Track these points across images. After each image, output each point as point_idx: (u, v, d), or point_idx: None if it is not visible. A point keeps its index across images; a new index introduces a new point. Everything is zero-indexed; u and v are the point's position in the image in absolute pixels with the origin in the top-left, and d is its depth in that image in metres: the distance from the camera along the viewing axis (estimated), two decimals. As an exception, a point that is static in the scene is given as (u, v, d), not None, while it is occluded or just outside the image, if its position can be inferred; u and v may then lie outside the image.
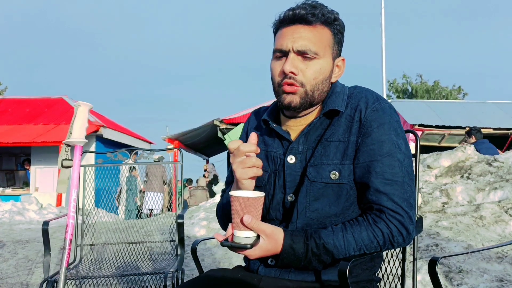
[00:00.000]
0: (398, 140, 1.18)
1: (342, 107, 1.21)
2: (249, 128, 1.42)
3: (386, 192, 1.13)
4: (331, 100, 1.23)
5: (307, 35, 1.18)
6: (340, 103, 1.22)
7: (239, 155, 1.14)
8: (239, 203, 1.03)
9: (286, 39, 1.18)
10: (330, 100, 1.23)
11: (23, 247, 4.94)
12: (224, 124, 11.98)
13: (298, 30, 1.18)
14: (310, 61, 1.18)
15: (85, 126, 1.53)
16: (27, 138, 12.31)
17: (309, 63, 1.18)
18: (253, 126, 1.40)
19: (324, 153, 1.19)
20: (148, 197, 8.88)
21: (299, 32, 1.18)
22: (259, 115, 1.40)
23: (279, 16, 1.22)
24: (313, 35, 1.18)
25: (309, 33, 1.18)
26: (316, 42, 1.18)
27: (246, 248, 1.04)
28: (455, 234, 3.49)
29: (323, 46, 1.19)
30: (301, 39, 1.17)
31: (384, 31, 16.56)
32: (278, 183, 1.26)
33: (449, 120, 13.23)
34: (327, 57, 1.21)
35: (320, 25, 1.19)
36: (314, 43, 1.18)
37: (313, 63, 1.18)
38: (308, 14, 1.17)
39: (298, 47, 1.17)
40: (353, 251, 1.11)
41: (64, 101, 15.00)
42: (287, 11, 1.20)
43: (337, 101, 1.22)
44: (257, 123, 1.39)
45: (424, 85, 29.21)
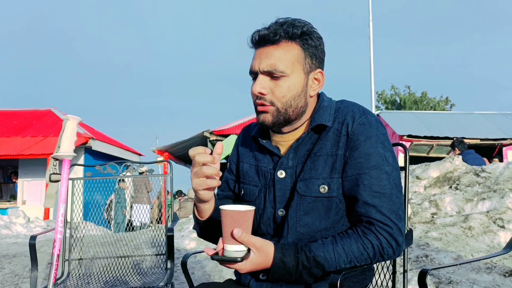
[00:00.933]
0: (385, 152, 1.19)
1: (329, 122, 1.22)
2: (239, 144, 1.44)
3: (374, 205, 1.14)
4: (318, 114, 1.24)
5: (272, 55, 1.19)
6: (327, 117, 1.23)
7: (195, 165, 1.12)
8: (229, 217, 1.03)
9: (255, 61, 1.22)
10: (317, 114, 1.25)
11: (10, 262, 4.85)
12: (214, 135, 11.97)
13: (265, 51, 1.21)
14: (278, 80, 1.20)
15: (73, 140, 1.52)
16: (14, 151, 12.18)
17: (277, 82, 1.20)
18: (243, 142, 1.42)
19: (313, 167, 1.21)
20: (135, 210, 8.80)
21: (265, 53, 1.20)
22: (249, 131, 1.42)
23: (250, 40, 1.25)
24: (279, 53, 1.19)
25: (275, 52, 1.19)
26: (282, 60, 1.19)
27: (236, 262, 1.04)
28: (444, 244, 3.51)
29: (291, 63, 1.20)
30: (267, 59, 1.19)
31: (372, 43, 16.75)
32: (269, 197, 1.27)
33: (437, 131, 13.37)
34: (296, 73, 1.21)
35: (285, 42, 1.20)
36: (280, 61, 1.19)
37: (281, 82, 1.20)
38: (270, 33, 1.19)
39: (264, 67, 1.20)
40: (343, 263, 1.12)
41: (52, 113, 14.90)
42: (253, 34, 1.23)
43: (324, 115, 1.24)
44: (247, 139, 1.41)
45: (412, 96, 29.53)
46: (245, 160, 1.38)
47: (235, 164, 1.44)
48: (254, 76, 1.23)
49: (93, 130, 15.03)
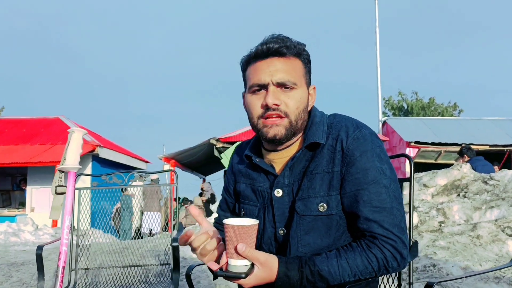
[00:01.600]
0: (382, 165, 1.18)
1: (323, 139, 1.22)
2: (233, 165, 1.44)
3: (376, 220, 1.14)
4: (311, 132, 1.24)
5: (283, 67, 1.20)
6: (321, 134, 1.22)
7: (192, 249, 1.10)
8: (233, 232, 1.03)
9: (263, 73, 1.20)
10: (310, 132, 1.24)
11: (18, 270, 4.88)
12: (221, 142, 11.97)
13: (274, 62, 1.20)
14: (290, 91, 1.20)
15: (79, 152, 1.53)
16: (23, 158, 12.26)
17: (290, 93, 1.20)
18: (238, 162, 1.41)
19: (310, 185, 1.20)
20: (146, 217, 8.85)
21: (275, 64, 1.20)
22: (241, 149, 1.42)
23: (250, 51, 1.24)
24: (288, 66, 1.20)
25: (285, 64, 1.20)
26: (292, 72, 1.20)
27: (240, 278, 1.03)
28: (452, 254, 3.47)
29: (299, 76, 1.22)
30: (279, 72, 1.19)
31: (379, 49, 16.75)
32: (268, 217, 1.27)
33: (445, 137, 13.29)
34: (303, 86, 1.23)
35: (292, 57, 1.22)
36: (291, 74, 1.20)
37: (293, 93, 1.20)
38: (281, 47, 1.19)
39: (277, 79, 1.19)
40: (348, 277, 1.11)
41: (60, 121, 14.99)
42: (260, 46, 1.21)
43: (318, 132, 1.23)
44: (240, 158, 1.40)
45: (420, 102, 29.39)
46: (241, 180, 1.37)
47: (232, 184, 1.43)
48: (259, 88, 1.21)
49: (101, 137, 15.11)
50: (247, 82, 1.26)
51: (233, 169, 1.43)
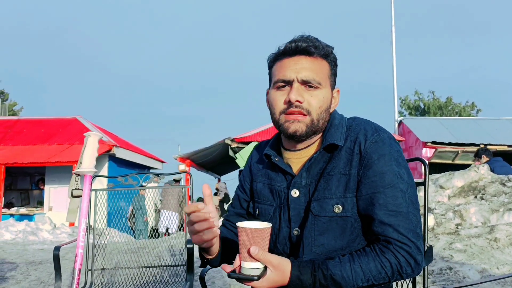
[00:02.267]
0: (399, 170, 1.18)
1: (341, 141, 1.22)
2: (252, 163, 1.45)
3: (391, 224, 1.13)
4: (330, 133, 1.24)
5: (310, 66, 1.21)
6: (339, 136, 1.23)
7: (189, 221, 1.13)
8: (246, 234, 1.04)
9: (289, 70, 1.21)
10: (329, 133, 1.24)
11: (36, 269, 4.97)
12: (236, 143, 12.00)
13: (301, 61, 1.21)
14: (314, 90, 1.21)
15: (94, 156, 1.56)
16: (41, 158, 12.46)
17: (313, 92, 1.21)
18: (256, 161, 1.43)
19: (327, 187, 1.20)
20: (164, 216, 8.93)
21: (301, 62, 1.21)
22: (260, 149, 1.43)
23: (278, 49, 1.25)
24: (315, 66, 1.22)
25: (311, 64, 1.21)
26: (318, 72, 1.21)
27: (253, 280, 1.04)
28: (469, 257, 3.43)
29: (324, 77, 1.23)
30: (305, 70, 1.20)
31: (395, 48, 16.59)
32: (283, 217, 1.27)
33: (462, 137, 13.11)
34: (327, 87, 1.24)
35: (320, 57, 1.23)
36: (316, 73, 1.21)
37: (317, 92, 1.21)
38: (310, 46, 1.21)
39: (302, 77, 1.20)
40: (361, 282, 1.11)
41: (78, 121, 15.19)
42: (288, 44, 1.23)
43: (336, 134, 1.23)
44: (259, 157, 1.41)
45: (437, 101, 29.06)
46: (258, 179, 1.38)
47: (249, 183, 1.44)
48: (284, 84, 1.22)
49: (117, 137, 15.27)
50: (272, 78, 1.27)
51: (251, 168, 1.44)
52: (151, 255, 4.05)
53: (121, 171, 12.97)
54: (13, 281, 4.43)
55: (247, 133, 12.39)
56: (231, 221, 1.45)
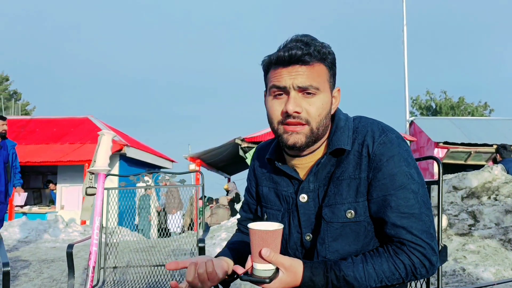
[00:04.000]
0: (409, 170, 1.15)
1: (349, 145, 1.18)
2: (255, 167, 1.41)
3: (404, 226, 1.11)
4: (336, 137, 1.20)
5: (306, 72, 1.14)
6: (346, 140, 1.19)
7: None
8: (258, 236, 1.03)
9: (285, 77, 1.15)
10: (335, 137, 1.20)
11: (48, 267, 5.02)
12: (246, 142, 12.01)
13: (296, 69, 1.15)
14: (312, 97, 1.15)
15: (108, 154, 1.56)
16: (53, 157, 12.59)
17: (311, 99, 1.15)
18: (259, 165, 1.39)
19: (337, 192, 1.18)
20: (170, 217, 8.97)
21: (296, 70, 1.14)
22: (262, 150, 1.39)
23: (270, 57, 1.19)
24: (311, 72, 1.15)
25: (308, 70, 1.15)
26: (315, 77, 1.15)
27: (265, 282, 1.03)
28: (482, 258, 3.39)
29: (322, 81, 1.17)
30: (300, 76, 1.14)
31: (407, 48, 16.48)
32: (293, 222, 1.25)
33: (475, 137, 12.98)
34: (326, 91, 1.18)
35: (316, 63, 1.16)
36: (313, 78, 1.15)
37: (315, 99, 1.16)
38: (304, 55, 1.13)
39: (299, 83, 1.14)
40: (374, 283, 1.10)
41: (89, 120, 15.32)
42: (281, 52, 1.15)
43: (342, 138, 1.19)
44: (262, 160, 1.37)
45: (449, 101, 28.80)
46: (263, 184, 1.35)
47: (254, 187, 1.42)
48: (280, 92, 1.17)
49: (128, 137, 15.37)
50: (268, 84, 1.22)
51: (255, 172, 1.41)
52: (162, 254, 4.07)
53: (132, 171, 13.04)
54: (26, 278, 4.48)
55: (257, 132, 12.40)
56: (243, 225, 1.45)
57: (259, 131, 12.49)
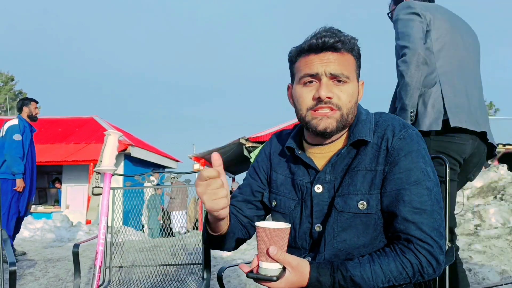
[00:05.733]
0: (426, 167, 1.16)
1: (370, 137, 1.20)
2: (271, 152, 1.40)
3: (414, 221, 1.11)
4: (357, 129, 1.22)
5: (337, 60, 1.18)
6: (367, 132, 1.20)
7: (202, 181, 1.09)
8: (265, 234, 1.03)
9: (316, 64, 1.18)
10: (356, 129, 1.22)
11: (54, 266, 5.03)
12: (250, 142, 12.01)
13: (327, 56, 1.18)
14: (343, 84, 1.19)
15: (114, 154, 1.57)
16: (59, 157, 12.66)
17: (342, 87, 1.18)
18: (276, 151, 1.39)
19: (351, 182, 1.18)
20: (174, 217, 8.99)
21: (328, 57, 1.18)
22: (281, 139, 1.40)
23: (303, 44, 1.21)
24: (342, 60, 1.19)
25: (339, 58, 1.19)
26: (346, 66, 1.19)
27: (272, 281, 1.03)
28: (488, 258, 3.37)
29: (351, 70, 1.21)
30: (333, 63, 1.17)
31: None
32: (305, 212, 1.25)
33: (480, 137, 12.89)
34: (354, 81, 1.22)
35: (345, 52, 1.20)
36: (344, 67, 1.18)
37: (346, 87, 1.19)
38: (337, 42, 1.17)
39: (331, 70, 1.17)
40: (381, 283, 1.09)
41: (94, 120, 15.39)
42: (314, 40, 1.19)
43: (364, 130, 1.21)
44: (280, 147, 1.38)
45: (454, 101, 28.67)
46: (279, 171, 1.35)
47: (266, 172, 1.39)
48: (311, 79, 1.19)
49: (133, 137, 15.42)
50: (296, 73, 1.24)
51: (270, 156, 1.40)
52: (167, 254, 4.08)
53: (136, 170, 13.08)
54: (32, 278, 4.50)
55: (262, 132, 12.40)
56: (237, 206, 1.39)
57: (264, 130, 12.49)
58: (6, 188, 4.97)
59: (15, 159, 4.99)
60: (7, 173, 5.01)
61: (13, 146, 5.00)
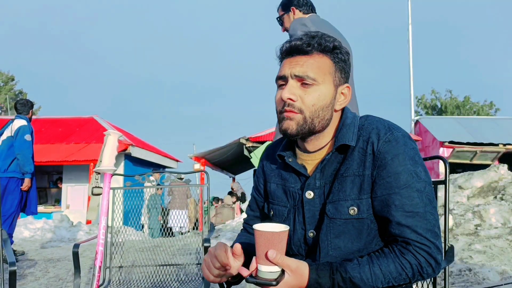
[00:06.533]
0: (415, 168, 1.15)
1: (353, 141, 1.19)
2: (264, 164, 1.42)
3: (408, 225, 1.11)
4: (341, 134, 1.21)
5: (305, 63, 1.19)
6: (351, 136, 1.20)
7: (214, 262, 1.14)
8: (263, 238, 1.02)
9: (285, 67, 1.20)
10: (340, 134, 1.22)
11: (54, 266, 5.03)
12: (250, 142, 12.02)
13: (296, 59, 1.20)
14: (308, 87, 1.18)
15: (114, 154, 1.57)
16: (59, 157, 12.66)
17: (308, 89, 1.18)
18: (268, 161, 1.41)
19: (341, 188, 1.18)
20: (173, 215, 8.97)
21: (296, 60, 1.20)
22: (273, 149, 1.41)
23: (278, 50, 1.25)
24: (311, 62, 1.19)
25: (307, 60, 1.19)
26: (314, 68, 1.18)
27: (271, 285, 1.02)
28: (489, 258, 3.37)
29: (322, 73, 1.19)
30: (299, 66, 1.18)
31: (412, 47, 16.42)
32: (298, 219, 1.25)
33: (480, 136, 12.92)
34: (327, 84, 1.20)
35: (317, 54, 1.20)
36: (311, 69, 1.18)
37: (311, 90, 1.18)
38: (303, 44, 1.19)
39: (296, 72, 1.18)
40: (381, 284, 1.09)
41: (94, 120, 15.38)
42: (284, 44, 1.22)
43: (348, 134, 1.20)
44: (272, 157, 1.39)
45: (454, 100, 28.69)
46: (272, 180, 1.36)
47: (262, 184, 1.42)
48: (282, 82, 1.22)
49: (133, 136, 15.42)
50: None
51: (263, 168, 1.42)
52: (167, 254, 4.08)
53: (137, 170, 13.09)
54: (32, 277, 4.50)
55: (262, 132, 12.40)
56: (251, 225, 1.42)
57: (264, 130, 12.49)
58: (13, 187, 5.02)
59: (27, 158, 5.07)
60: (17, 171, 5.06)
61: (25, 146, 5.09)
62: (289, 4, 2.77)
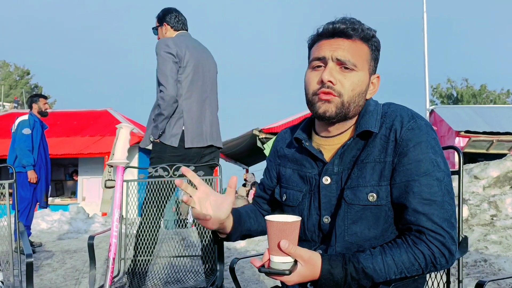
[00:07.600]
0: (436, 158, 1.14)
1: (376, 128, 1.18)
2: (279, 149, 1.42)
3: (425, 213, 1.10)
4: (364, 120, 1.21)
5: (346, 47, 1.18)
6: (374, 123, 1.19)
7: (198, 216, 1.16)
8: (276, 228, 1.02)
9: (325, 49, 1.19)
10: (363, 120, 1.21)
11: (71, 257, 5.12)
12: (263, 133, 12.01)
13: (338, 42, 1.18)
14: (348, 72, 1.18)
15: (126, 147, 1.58)
16: (74, 150, 12.82)
17: (348, 74, 1.18)
18: (283, 146, 1.40)
19: (361, 174, 1.17)
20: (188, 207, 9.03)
21: (338, 43, 1.18)
22: (288, 134, 1.41)
23: (317, 30, 1.23)
24: (352, 47, 1.18)
25: (349, 45, 1.18)
26: (355, 54, 1.18)
27: (284, 274, 1.03)
28: (504, 248, 3.33)
29: (361, 60, 1.19)
30: (341, 50, 1.17)
31: (427, 36, 16.16)
32: (313, 204, 1.25)
33: (497, 125, 12.72)
34: (364, 71, 1.20)
35: (359, 40, 1.19)
36: (353, 55, 1.17)
37: (351, 75, 1.18)
38: (348, 28, 1.17)
39: (337, 56, 1.17)
40: (394, 274, 1.09)
41: (108, 113, 15.52)
42: (326, 25, 1.20)
43: (371, 121, 1.20)
44: (288, 141, 1.38)
45: (470, 89, 28.27)
46: (287, 165, 1.36)
47: (275, 168, 1.42)
48: (319, 64, 1.20)
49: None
50: (309, 59, 1.25)
51: (278, 152, 1.41)
52: (181, 245, 4.12)
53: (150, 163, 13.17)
54: (50, 268, 4.59)
55: (275, 123, 12.38)
56: (257, 202, 1.49)
57: (277, 121, 12.47)
58: (21, 180, 5.11)
59: (24, 151, 5.15)
60: (20, 166, 5.15)
61: (22, 140, 5.19)
62: (163, 19, 3.11)
